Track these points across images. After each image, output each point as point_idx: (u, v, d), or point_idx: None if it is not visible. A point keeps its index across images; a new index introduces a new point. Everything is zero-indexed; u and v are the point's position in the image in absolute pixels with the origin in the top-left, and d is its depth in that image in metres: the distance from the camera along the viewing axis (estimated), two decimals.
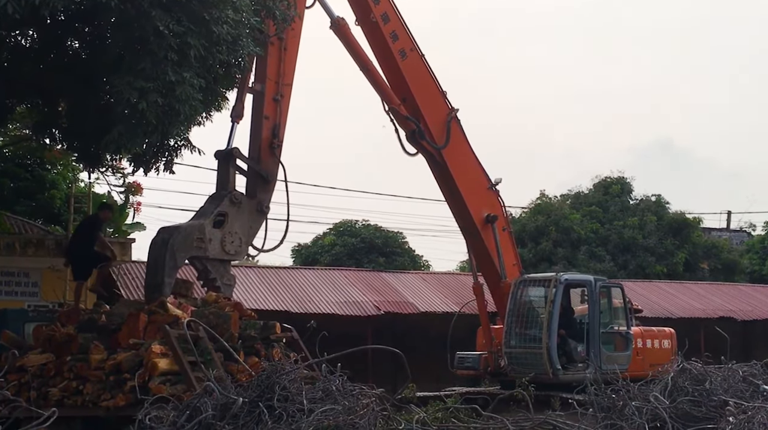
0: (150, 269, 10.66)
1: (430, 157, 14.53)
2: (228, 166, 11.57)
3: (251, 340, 11.65)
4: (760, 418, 6.64)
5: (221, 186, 11.47)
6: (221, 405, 7.94)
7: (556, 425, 7.94)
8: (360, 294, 22.83)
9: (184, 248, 10.54)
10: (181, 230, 10.71)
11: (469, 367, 15.67)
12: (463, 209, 14.96)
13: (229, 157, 11.62)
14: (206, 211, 11.13)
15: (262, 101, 11.82)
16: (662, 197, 34.46)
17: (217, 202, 11.16)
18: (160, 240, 10.57)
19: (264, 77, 11.85)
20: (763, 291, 29.47)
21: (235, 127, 11.89)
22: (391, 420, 8.14)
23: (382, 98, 13.74)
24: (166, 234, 10.60)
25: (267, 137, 11.72)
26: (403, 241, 35.28)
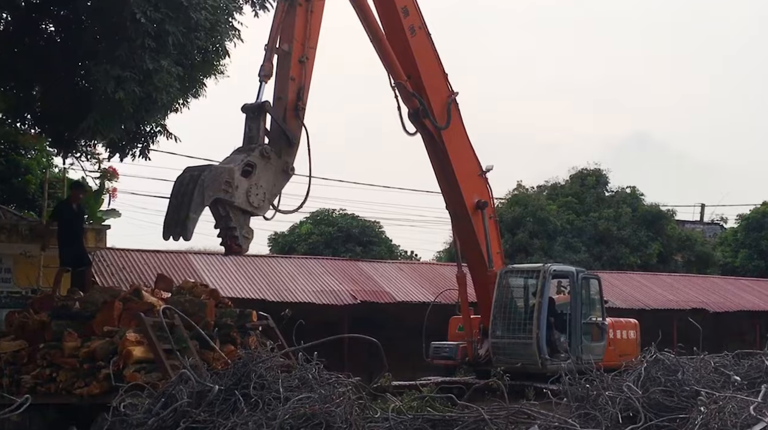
0: (173, 205, 9.75)
1: (429, 137, 14.20)
2: (259, 120, 10.81)
3: (227, 328, 11.64)
4: (730, 408, 6.73)
5: (249, 140, 10.78)
6: (197, 393, 7.92)
7: (530, 414, 7.97)
8: (336, 283, 22.83)
9: (213, 186, 9.75)
10: (212, 168, 9.97)
11: (446, 357, 15.65)
12: (456, 194, 14.80)
13: (260, 111, 10.86)
14: (234, 159, 10.37)
15: (288, 62, 11.24)
16: (637, 189, 34.76)
17: (246, 153, 10.44)
18: (188, 176, 9.78)
19: (291, 38, 11.18)
20: (735, 283, 29.83)
21: (263, 87, 11.20)
22: (367, 409, 8.15)
23: (389, 72, 13.36)
24: (195, 171, 9.84)
25: (292, 99, 11.07)
26: (380, 230, 35.32)
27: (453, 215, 15.29)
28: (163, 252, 21.79)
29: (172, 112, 12.61)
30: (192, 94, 13.04)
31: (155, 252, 21.75)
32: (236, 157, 10.38)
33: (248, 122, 10.83)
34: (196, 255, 23.34)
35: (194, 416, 7.61)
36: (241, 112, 10.80)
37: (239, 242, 10.50)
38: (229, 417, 7.53)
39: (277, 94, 11.07)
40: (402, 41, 13.57)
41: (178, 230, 9.72)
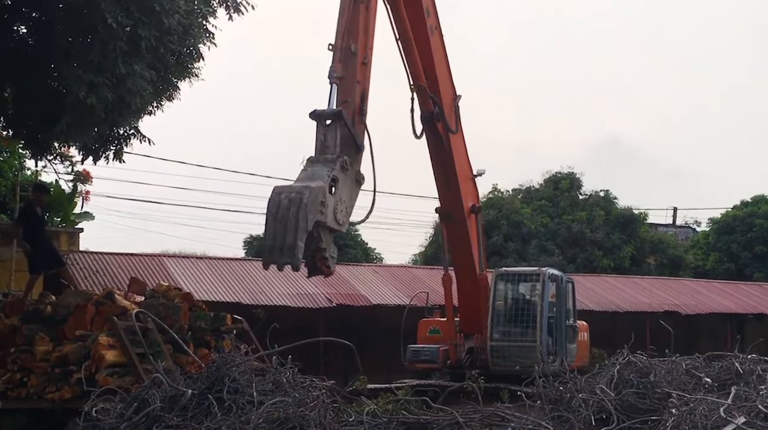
0: (274, 231, 9.03)
1: (436, 140, 14.02)
2: (335, 127, 10.02)
3: (201, 331, 11.58)
4: (701, 410, 6.80)
5: (324, 150, 9.93)
6: (170, 397, 7.87)
7: (504, 417, 8.01)
8: (312, 286, 22.76)
9: (313, 210, 9.07)
10: (312, 189, 9.18)
11: (427, 360, 15.57)
12: (456, 197, 14.69)
13: (336, 118, 10.07)
14: (317, 173, 9.52)
15: (354, 63, 10.63)
16: (610, 193, 35.06)
17: (329, 166, 9.64)
18: (285, 199, 9.05)
19: (356, 38, 10.64)
20: (706, 286, 30.12)
21: (334, 90, 10.43)
22: (342, 412, 8.14)
23: (411, 74, 13.17)
24: (292, 193, 9.09)
25: (358, 103, 10.48)
26: (355, 233, 35.32)
27: (447, 218, 15.16)
28: (137, 255, 21.65)
29: (146, 115, 12.54)
30: (166, 97, 12.97)
31: (129, 255, 21.60)
32: (318, 171, 9.62)
33: (322, 130, 10.02)
34: (170, 258, 23.21)
35: (167, 420, 7.56)
36: (310, 118, 10.09)
37: (328, 263, 10.04)
38: (202, 421, 7.49)
39: (342, 97, 10.45)
40: (424, 42, 13.38)
41: (286, 259, 9.13)
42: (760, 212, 36.39)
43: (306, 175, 9.62)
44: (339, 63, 10.48)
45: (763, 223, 35.86)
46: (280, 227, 8.99)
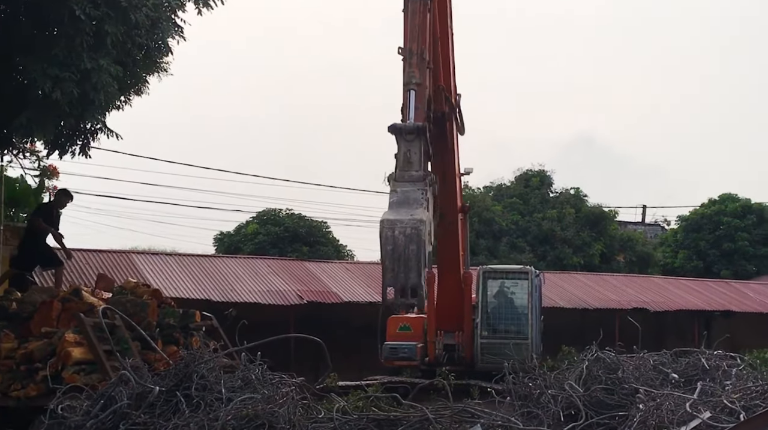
0: (398, 270, 8.49)
1: (441, 140, 13.57)
2: (420, 142, 9.42)
3: (170, 328, 11.49)
4: (667, 405, 6.87)
5: (407, 166, 9.33)
6: (137, 394, 7.79)
7: (474, 413, 8.03)
8: (283, 283, 22.73)
9: (428, 244, 8.69)
10: (424, 223, 8.70)
11: (405, 357, 15.59)
12: (451, 197, 14.74)
13: (421, 133, 9.45)
14: (412, 197, 8.99)
15: (424, 68, 10.19)
16: (581, 190, 35.32)
17: (419, 187, 9.14)
18: (399, 234, 8.49)
19: (425, 41, 10.26)
20: (675, 283, 30.47)
21: (413, 97, 9.80)
22: (311, 409, 8.11)
23: (433, 73, 13.06)
24: (409, 228, 8.52)
25: (426, 109, 10.10)
26: (327, 230, 35.24)
27: (440, 218, 15.03)
28: (105, 252, 21.46)
29: (114, 110, 12.39)
30: (134, 92, 12.82)
31: (97, 251, 21.39)
32: (411, 194, 9.06)
33: (404, 145, 9.39)
34: (139, 255, 23.03)
35: (134, 417, 7.49)
36: (389, 132, 9.49)
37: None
38: (170, 418, 7.43)
39: (417, 104, 9.87)
40: (446, 42, 13.35)
41: (412, 301, 8.62)
42: (727, 211, 36.86)
43: (400, 198, 9.06)
44: (416, 68, 9.94)
45: (731, 221, 36.33)
46: (401, 266, 8.49)
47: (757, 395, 6.95)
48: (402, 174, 9.26)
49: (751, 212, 36.70)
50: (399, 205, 8.97)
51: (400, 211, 8.80)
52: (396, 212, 8.77)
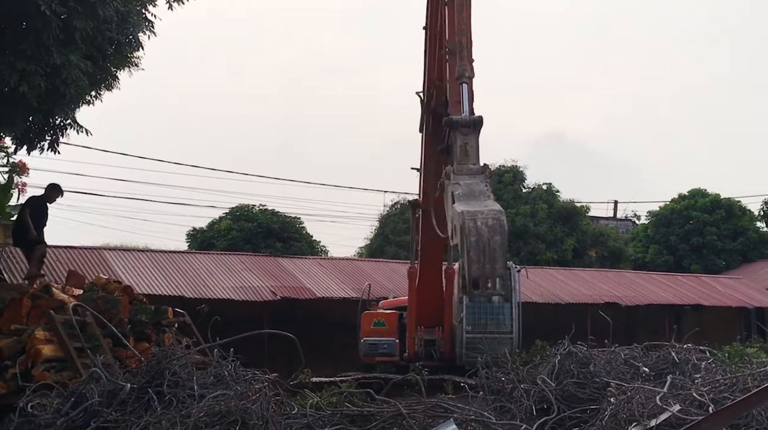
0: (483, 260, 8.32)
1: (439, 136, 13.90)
2: (475, 135, 9.35)
3: (142, 325, 11.42)
4: (638, 398, 6.93)
5: (464, 159, 9.25)
6: (108, 392, 7.72)
7: (447, 408, 8.05)
8: (256, 279, 22.64)
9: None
10: (503, 212, 8.61)
11: (385, 353, 15.59)
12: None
13: (477, 126, 9.37)
14: (477, 190, 8.92)
15: (463, 63, 10.02)
16: (553, 186, 35.49)
17: (481, 179, 9.02)
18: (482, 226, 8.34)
19: (470, 35, 10.10)
20: (646, 278, 30.76)
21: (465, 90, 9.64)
22: (285, 405, 8.09)
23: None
24: (491, 219, 8.38)
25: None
26: (300, 226, 35.14)
27: (427, 212, 14.99)
28: (76, 248, 21.25)
29: (84, 104, 12.25)
30: (105, 87, 12.69)
31: (67, 248, 21.17)
32: (475, 186, 8.93)
33: (461, 139, 9.32)
34: (111, 251, 22.84)
35: (105, 415, 7.43)
36: (445, 126, 9.55)
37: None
38: (142, 416, 7.38)
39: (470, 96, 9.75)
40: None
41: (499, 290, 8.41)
42: (697, 205, 37.22)
43: (465, 191, 8.91)
44: (468, 62, 9.75)
45: (700, 216, 36.70)
46: (487, 257, 8.32)
47: (725, 387, 7.03)
48: (460, 167, 9.15)
49: (720, 207, 37.10)
50: (467, 197, 8.85)
51: (471, 203, 8.69)
52: (468, 204, 8.65)
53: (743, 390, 6.78)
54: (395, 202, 36.90)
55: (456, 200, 8.80)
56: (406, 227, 34.16)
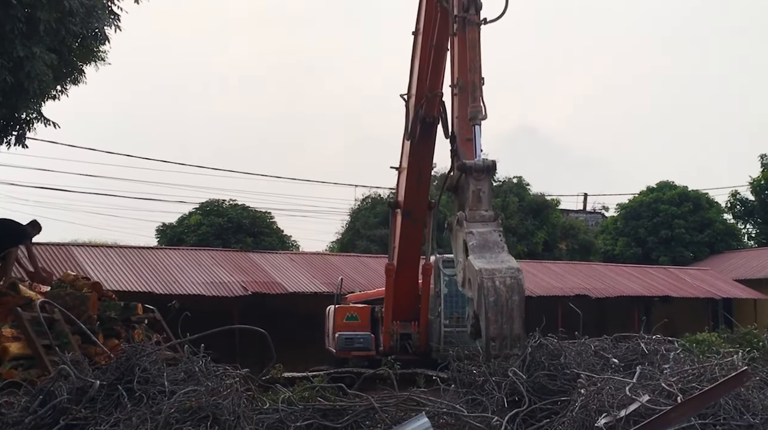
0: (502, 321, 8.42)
1: (426, 143, 13.79)
2: (488, 181, 9.33)
3: (111, 321, 11.33)
4: (608, 389, 6.99)
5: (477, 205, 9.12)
6: (77, 389, 7.63)
7: (419, 402, 8.06)
8: (227, 274, 22.55)
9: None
10: (521, 270, 8.63)
11: (361, 347, 15.59)
12: (423, 196, 14.78)
13: (491, 172, 9.37)
14: (492, 240, 8.88)
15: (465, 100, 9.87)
16: (523, 179, 35.69)
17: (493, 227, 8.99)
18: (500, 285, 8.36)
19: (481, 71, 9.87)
20: (615, 270, 31.06)
21: (479, 132, 9.51)
22: (256, 400, 8.05)
23: (437, 81, 12.84)
24: (509, 278, 8.37)
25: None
26: (271, 221, 35.02)
27: (407, 215, 14.97)
28: (44, 244, 20.99)
29: (50, 99, 12.07)
30: (70, 81, 12.51)
31: (35, 244, 20.90)
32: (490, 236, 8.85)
33: (474, 184, 9.19)
34: (79, 247, 22.61)
35: (75, 412, 7.34)
36: (458, 170, 9.38)
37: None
38: (112, 413, 7.30)
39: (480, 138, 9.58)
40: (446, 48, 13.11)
41: (517, 351, 8.44)
42: (665, 198, 37.63)
43: (480, 242, 8.86)
44: (481, 103, 9.56)
45: (668, 208, 37.10)
46: (505, 317, 8.40)
47: (693, 377, 7.10)
48: (473, 214, 9.12)
49: (688, 200, 37.54)
50: (481, 248, 8.83)
51: (486, 256, 8.70)
52: (484, 258, 8.65)
53: (711, 380, 6.86)
54: (366, 197, 36.93)
55: (471, 252, 8.79)
56: (378, 221, 34.25)
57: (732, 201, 40.09)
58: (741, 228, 40.38)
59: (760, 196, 39.35)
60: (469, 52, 9.78)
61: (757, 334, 14.90)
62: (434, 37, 12.33)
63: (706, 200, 38.35)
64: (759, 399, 6.88)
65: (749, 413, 6.60)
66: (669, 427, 6.19)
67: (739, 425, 6.47)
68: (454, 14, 10.03)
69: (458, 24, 9.92)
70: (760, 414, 6.63)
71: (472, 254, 8.76)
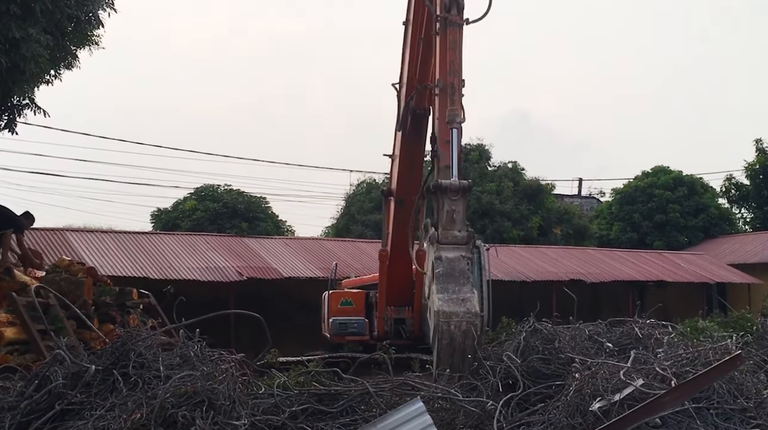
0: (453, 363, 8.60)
1: (417, 134, 13.75)
2: (463, 201, 9.29)
3: (106, 306, 11.33)
4: (602, 373, 7.01)
5: (450, 225, 9.11)
6: (72, 374, 7.64)
7: (414, 386, 8.08)
8: (222, 260, 22.54)
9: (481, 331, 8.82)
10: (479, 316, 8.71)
11: (355, 332, 15.63)
12: (416, 185, 14.72)
13: (466, 192, 9.30)
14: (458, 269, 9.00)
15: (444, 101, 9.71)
16: (518, 164, 35.66)
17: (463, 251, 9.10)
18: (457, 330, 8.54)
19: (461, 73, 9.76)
20: (610, 255, 31.13)
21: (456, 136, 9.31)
22: (252, 385, 8.07)
23: (426, 73, 12.47)
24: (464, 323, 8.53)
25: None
26: (266, 206, 35.00)
27: (400, 204, 14.90)
28: (38, 230, 20.96)
29: (43, 83, 12.00)
30: (65, 66, 12.43)
31: (30, 229, 20.88)
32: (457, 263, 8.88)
33: (448, 204, 9.16)
34: (74, 232, 22.58)
35: (70, 397, 7.35)
36: (432, 190, 9.32)
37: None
38: (107, 398, 7.30)
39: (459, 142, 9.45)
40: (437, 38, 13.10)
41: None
42: (659, 183, 37.64)
43: (446, 270, 8.89)
44: (460, 106, 9.47)
45: (663, 193, 37.13)
46: (457, 360, 8.61)
47: (687, 362, 7.13)
48: (446, 234, 9.10)
49: (683, 185, 37.57)
50: (447, 278, 8.90)
51: (449, 289, 8.78)
52: (446, 292, 8.74)
53: (704, 364, 6.89)
54: (361, 182, 36.92)
55: (436, 281, 8.88)
56: (372, 206, 34.25)
57: (727, 186, 40.15)
58: (735, 213, 40.48)
59: (754, 181, 39.40)
60: (449, 53, 9.67)
61: (750, 318, 14.97)
62: (422, 31, 12.26)
63: (701, 185, 38.39)
64: (752, 383, 6.91)
65: (743, 397, 6.63)
66: (663, 411, 6.23)
67: (732, 409, 6.50)
68: (436, 14, 9.91)
69: (440, 24, 9.80)
70: (754, 398, 6.67)
71: (436, 283, 8.87)
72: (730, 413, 6.48)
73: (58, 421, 7.22)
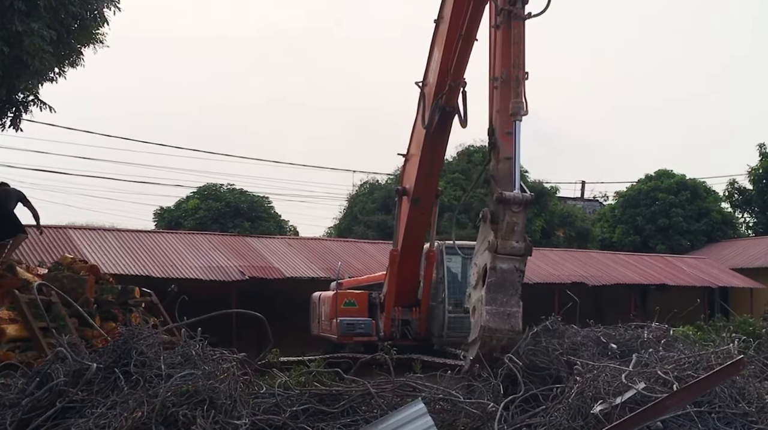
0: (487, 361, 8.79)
1: (441, 132, 13.73)
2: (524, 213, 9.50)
3: (108, 304, 11.33)
4: (604, 376, 7.01)
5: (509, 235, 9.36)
6: (74, 371, 7.64)
7: (415, 387, 8.08)
8: (224, 259, 22.55)
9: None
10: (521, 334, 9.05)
11: (363, 333, 15.66)
12: (434, 184, 14.79)
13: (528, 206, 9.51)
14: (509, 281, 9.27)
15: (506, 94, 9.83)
16: (522, 166, 35.64)
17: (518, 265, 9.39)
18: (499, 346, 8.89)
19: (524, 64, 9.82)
20: (612, 258, 31.08)
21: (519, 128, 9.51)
22: (253, 384, 8.06)
23: (460, 70, 12.72)
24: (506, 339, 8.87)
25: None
26: (268, 205, 35.03)
27: (415, 203, 14.92)
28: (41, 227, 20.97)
29: (47, 80, 12.01)
30: (69, 63, 12.44)
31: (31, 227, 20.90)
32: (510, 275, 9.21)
33: (510, 215, 9.30)
34: (77, 230, 22.60)
35: (71, 395, 7.35)
36: (497, 202, 9.34)
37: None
38: (108, 396, 7.31)
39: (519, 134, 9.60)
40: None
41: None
42: (663, 186, 37.61)
43: (498, 280, 9.17)
44: (525, 99, 9.59)
45: (666, 197, 37.10)
46: (489, 363, 8.75)
47: (689, 365, 7.13)
48: (504, 244, 9.33)
49: (686, 188, 37.54)
50: (497, 288, 9.18)
51: (498, 299, 9.10)
52: (495, 303, 9.07)
53: (706, 368, 6.88)
54: (364, 182, 36.92)
55: (486, 290, 9.19)
56: (375, 206, 34.25)
57: (730, 190, 40.13)
58: (738, 217, 40.44)
59: (757, 186, 39.36)
60: (514, 47, 9.79)
61: (752, 322, 14.94)
62: (463, 27, 12.22)
63: (704, 189, 38.35)
64: (754, 387, 6.90)
65: (744, 402, 6.62)
66: (664, 414, 6.22)
67: (734, 413, 6.49)
68: (500, 7, 9.97)
69: (503, 17, 9.89)
70: (756, 402, 6.66)
71: (486, 292, 9.18)
72: (732, 417, 6.47)
73: (59, 418, 7.22)
